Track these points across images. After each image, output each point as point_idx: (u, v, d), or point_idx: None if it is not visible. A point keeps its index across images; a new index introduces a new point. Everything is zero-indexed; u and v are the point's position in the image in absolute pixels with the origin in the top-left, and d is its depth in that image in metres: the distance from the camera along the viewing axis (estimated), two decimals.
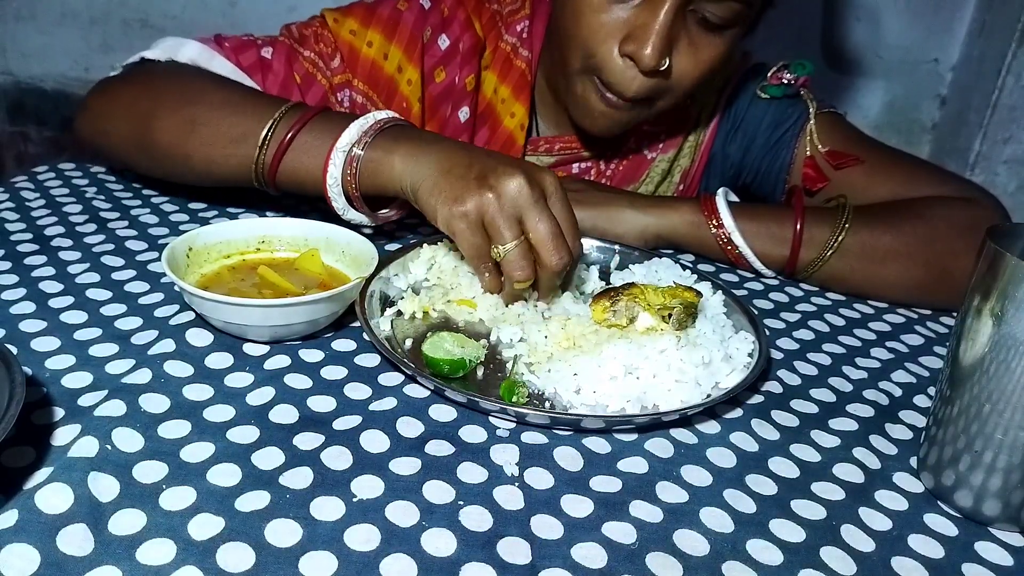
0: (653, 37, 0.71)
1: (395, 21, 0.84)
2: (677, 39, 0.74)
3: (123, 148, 0.76)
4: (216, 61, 0.79)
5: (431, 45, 0.85)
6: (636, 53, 0.72)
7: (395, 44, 0.83)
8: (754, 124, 0.90)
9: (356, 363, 0.57)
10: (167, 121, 0.71)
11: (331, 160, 0.64)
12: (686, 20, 0.73)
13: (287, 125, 0.66)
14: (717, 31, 0.74)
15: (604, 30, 0.74)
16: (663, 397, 0.53)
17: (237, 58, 0.80)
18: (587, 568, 0.41)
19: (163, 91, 0.73)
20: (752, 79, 0.90)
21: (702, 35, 0.74)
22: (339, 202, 0.66)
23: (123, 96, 0.76)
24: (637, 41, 0.72)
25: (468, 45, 0.86)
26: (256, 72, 0.80)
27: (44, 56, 1.65)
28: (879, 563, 0.44)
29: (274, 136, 0.67)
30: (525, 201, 0.58)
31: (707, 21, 0.73)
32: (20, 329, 0.56)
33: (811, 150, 0.85)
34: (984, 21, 1.36)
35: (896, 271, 0.74)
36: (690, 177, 0.94)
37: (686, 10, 0.72)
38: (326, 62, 0.83)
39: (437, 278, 0.67)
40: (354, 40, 0.83)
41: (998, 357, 0.44)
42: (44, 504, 0.40)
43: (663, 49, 0.72)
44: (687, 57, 0.75)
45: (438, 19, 0.85)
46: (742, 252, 0.76)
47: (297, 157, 0.66)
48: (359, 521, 0.42)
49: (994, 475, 0.46)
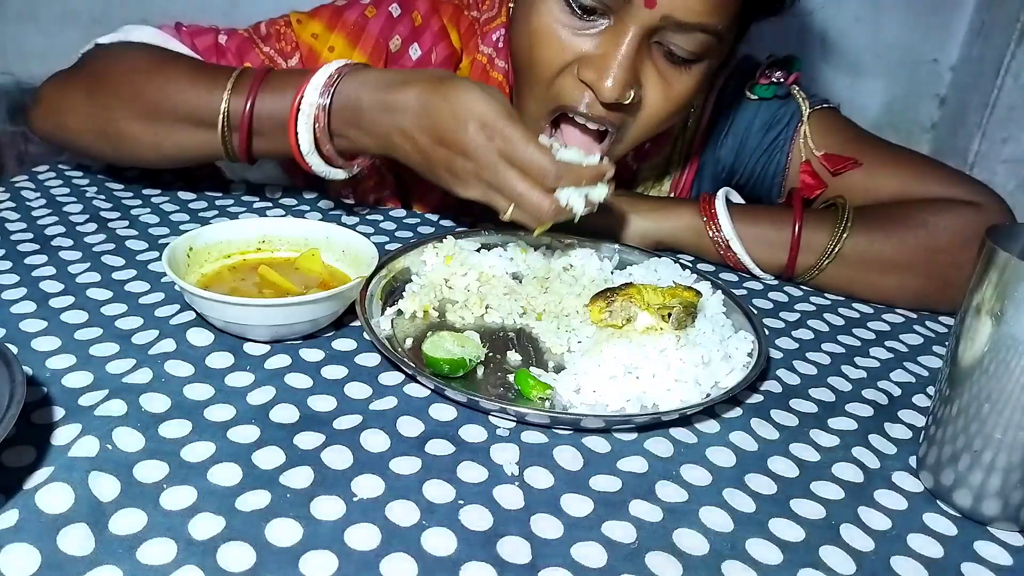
0: (615, 68, 0.66)
1: (360, 28, 0.80)
2: (643, 72, 0.68)
3: (85, 140, 0.75)
4: (171, 44, 0.78)
5: (400, 56, 0.82)
6: (596, 83, 0.67)
7: (359, 51, 0.80)
8: (745, 126, 0.87)
9: (356, 362, 0.57)
10: (125, 111, 0.71)
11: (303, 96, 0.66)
12: (651, 52, 0.68)
13: (240, 100, 0.68)
14: (685, 65, 0.69)
15: (561, 58, 0.68)
16: (663, 397, 0.53)
17: (192, 41, 0.79)
18: (587, 568, 0.41)
19: (115, 78, 0.72)
20: (740, 77, 0.87)
21: (670, 69, 0.69)
22: (305, 138, 0.68)
23: (77, 90, 0.74)
24: (596, 70, 0.66)
25: (442, 56, 0.82)
26: (211, 55, 0.80)
27: (44, 56, 1.64)
28: (878, 562, 0.44)
29: (231, 115, 0.69)
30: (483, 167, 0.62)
31: (673, 55, 0.68)
32: (20, 329, 0.56)
33: (806, 154, 0.83)
34: (983, 21, 1.36)
35: (896, 281, 0.74)
36: (680, 184, 0.91)
37: (651, 42, 0.67)
38: (285, 59, 0.81)
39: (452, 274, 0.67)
40: (315, 43, 0.80)
41: (997, 357, 0.44)
42: (44, 504, 0.40)
43: (625, 81, 0.66)
44: (658, 91, 0.70)
45: (409, 28, 0.82)
46: (740, 259, 0.76)
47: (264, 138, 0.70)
48: (359, 521, 0.42)
49: (993, 474, 0.46)
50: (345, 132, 0.68)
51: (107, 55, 0.76)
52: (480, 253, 0.70)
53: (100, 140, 0.74)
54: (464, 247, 0.69)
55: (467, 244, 0.70)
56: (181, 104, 0.70)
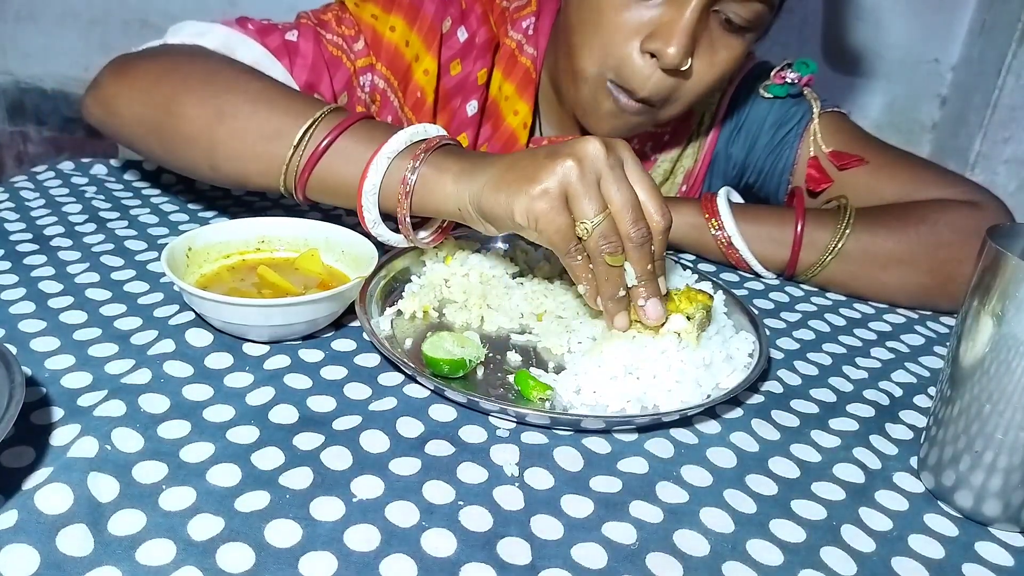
0: (679, 35, 0.70)
1: (416, 8, 0.82)
2: (699, 40, 0.73)
3: (137, 132, 0.70)
4: (245, 45, 0.74)
5: (450, 36, 0.84)
6: (660, 51, 0.71)
7: (416, 31, 0.82)
8: (757, 123, 0.89)
9: (356, 363, 0.57)
10: (193, 109, 0.65)
11: (372, 166, 0.58)
12: (709, 20, 0.73)
13: (327, 127, 0.61)
14: (738, 33, 0.74)
15: (628, 27, 0.73)
16: (663, 397, 0.53)
17: (263, 40, 0.75)
18: (587, 568, 0.41)
19: (189, 75, 0.66)
20: (755, 78, 0.90)
21: (722, 36, 0.74)
22: (372, 213, 0.60)
23: (143, 76, 0.69)
24: (662, 38, 0.71)
25: (484, 39, 0.85)
26: (283, 56, 0.76)
27: (44, 56, 1.65)
28: (879, 563, 0.44)
29: (312, 137, 0.61)
30: (603, 165, 0.52)
31: (730, 22, 0.73)
32: (20, 329, 0.56)
33: (815, 150, 0.85)
34: (984, 21, 1.36)
35: (898, 277, 0.74)
36: (693, 177, 0.94)
37: (711, 10, 0.72)
38: (349, 45, 0.80)
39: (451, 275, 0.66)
40: (376, 24, 0.81)
41: (998, 357, 0.44)
42: (44, 504, 0.40)
43: (688, 47, 0.71)
44: (705, 59, 0.74)
45: (458, 11, 0.84)
46: (743, 255, 0.76)
47: (334, 162, 0.61)
48: (359, 521, 0.42)
49: (994, 475, 0.46)
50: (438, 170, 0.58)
51: (182, 49, 0.71)
52: (480, 253, 0.70)
53: (153, 134, 0.68)
54: (464, 247, 0.69)
55: (467, 244, 0.70)
56: (258, 115, 0.63)
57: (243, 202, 0.82)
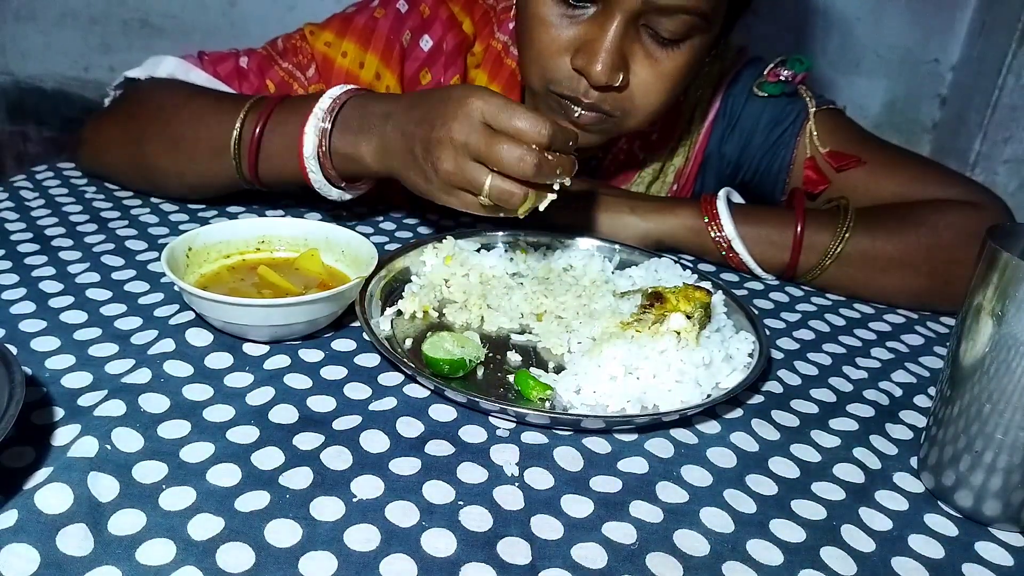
0: (602, 53, 0.69)
1: (370, 29, 0.84)
2: (632, 54, 0.71)
3: (126, 177, 0.81)
4: (193, 74, 0.81)
5: (413, 48, 0.85)
6: (586, 68, 0.70)
7: (371, 52, 0.84)
8: (751, 122, 0.88)
9: (356, 363, 0.57)
10: (154, 145, 0.75)
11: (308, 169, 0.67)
12: (639, 35, 0.71)
13: (253, 121, 0.69)
14: (674, 44, 0.71)
15: (556, 44, 0.72)
16: (663, 397, 0.53)
17: (215, 69, 0.82)
18: (587, 568, 0.41)
19: (146, 114, 0.77)
20: (748, 75, 0.89)
21: (659, 50, 0.71)
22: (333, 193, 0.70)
23: (113, 127, 0.81)
24: (586, 56, 0.70)
25: (452, 45, 0.85)
26: (233, 80, 0.83)
27: (44, 56, 1.65)
28: (879, 563, 0.44)
29: (242, 142, 0.70)
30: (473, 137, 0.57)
31: (660, 36, 0.70)
32: (20, 329, 0.56)
33: (811, 150, 0.84)
34: (984, 21, 1.36)
35: (898, 280, 0.74)
36: (684, 177, 0.92)
37: (637, 24, 0.70)
38: (303, 71, 0.84)
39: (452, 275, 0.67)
40: (328, 51, 0.83)
41: (998, 357, 0.44)
42: (44, 504, 0.40)
43: (613, 64, 0.69)
44: (648, 71, 0.72)
45: (418, 21, 0.85)
46: (742, 259, 0.76)
47: (270, 161, 0.70)
48: (359, 521, 0.42)
49: (994, 475, 0.46)
50: (344, 141, 0.66)
51: (137, 93, 0.80)
52: (480, 253, 0.70)
53: (134, 172, 0.80)
54: (464, 247, 0.69)
55: (467, 244, 0.70)
56: (201, 134, 0.72)
57: (243, 202, 0.82)
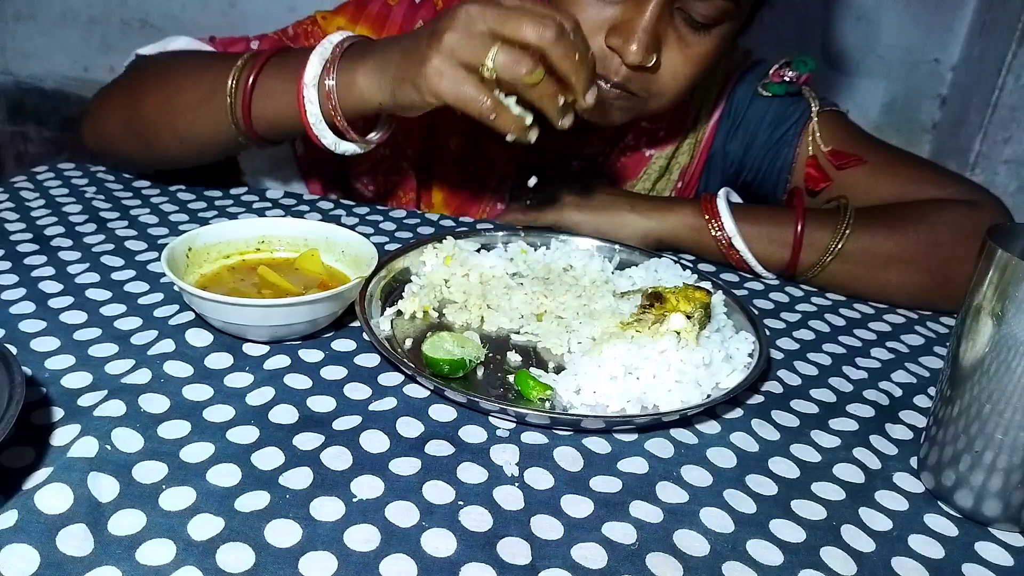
0: (639, 33, 0.70)
1: (384, 17, 0.84)
2: (665, 36, 0.72)
3: (120, 141, 0.80)
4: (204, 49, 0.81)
5: None
6: (621, 48, 0.71)
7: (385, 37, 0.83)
8: (755, 122, 0.89)
9: (356, 363, 0.57)
10: (149, 99, 0.75)
11: (305, 97, 0.66)
12: (673, 18, 0.72)
13: (248, 71, 0.69)
14: (705, 29, 0.73)
15: (591, 23, 0.72)
16: (663, 397, 0.53)
17: (226, 49, 0.82)
18: (587, 568, 0.41)
19: (146, 76, 0.78)
20: (753, 76, 0.90)
21: (690, 33, 0.73)
22: (328, 137, 0.68)
23: (115, 95, 0.81)
24: (622, 36, 0.71)
25: None
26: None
27: (44, 56, 1.65)
28: (879, 563, 0.44)
29: (239, 84, 0.69)
30: (479, 15, 0.56)
31: (693, 20, 0.72)
32: (20, 329, 0.56)
33: (813, 149, 0.84)
34: (984, 21, 1.36)
35: (898, 277, 0.74)
36: (689, 175, 0.93)
37: (672, 8, 0.71)
38: None
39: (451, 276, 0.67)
40: None
41: (998, 357, 0.44)
42: (44, 504, 0.40)
43: (648, 45, 0.70)
44: (677, 54, 0.74)
45: (431, 11, 0.85)
46: (743, 256, 0.76)
47: (266, 100, 0.69)
48: (359, 521, 0.42)
49: (994, 475, 0.46)
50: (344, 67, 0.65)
51: (141, 64, 0.81)
52: (480, 253, 0.70)
53: (132, 138, 0.78)
54: (464, 247, 0.69)
55: (467, 244, 0.70)
56: (199, 78, 0.73)
57: (243, 202, 0.82)
